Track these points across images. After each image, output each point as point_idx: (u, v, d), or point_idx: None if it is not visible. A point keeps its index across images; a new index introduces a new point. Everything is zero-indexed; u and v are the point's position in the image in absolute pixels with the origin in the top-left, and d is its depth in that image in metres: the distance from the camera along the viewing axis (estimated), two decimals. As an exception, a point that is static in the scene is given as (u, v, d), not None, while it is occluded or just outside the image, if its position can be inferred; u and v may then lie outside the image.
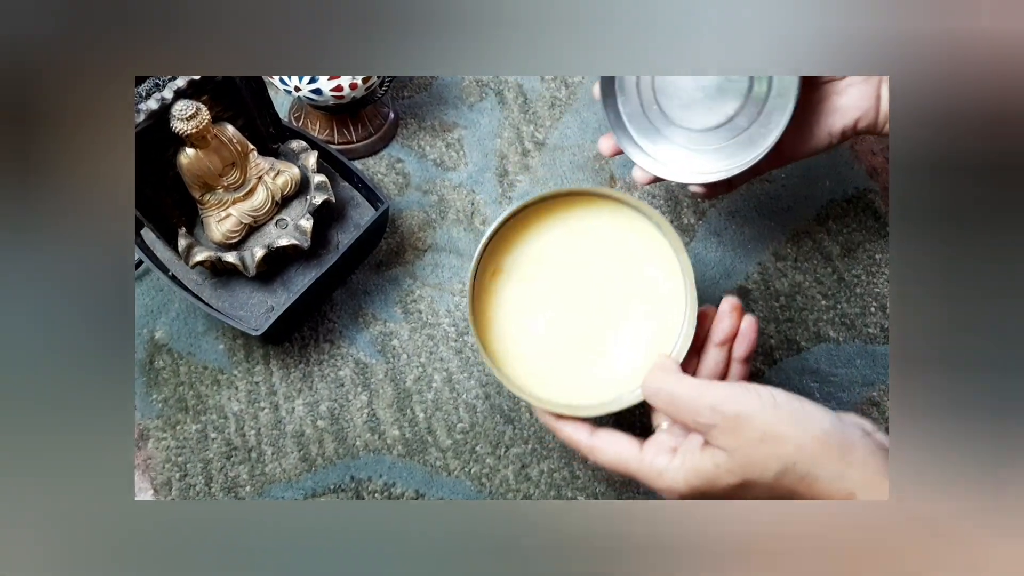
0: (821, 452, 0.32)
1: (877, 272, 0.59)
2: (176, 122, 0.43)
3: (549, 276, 0.42)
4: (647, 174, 0.47)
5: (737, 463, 0.33)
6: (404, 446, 0.50)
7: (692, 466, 0.34)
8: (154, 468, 0.49)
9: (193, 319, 0.54)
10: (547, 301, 0.42)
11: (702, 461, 0.34)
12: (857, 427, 0.33)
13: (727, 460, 0.33)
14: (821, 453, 0.32)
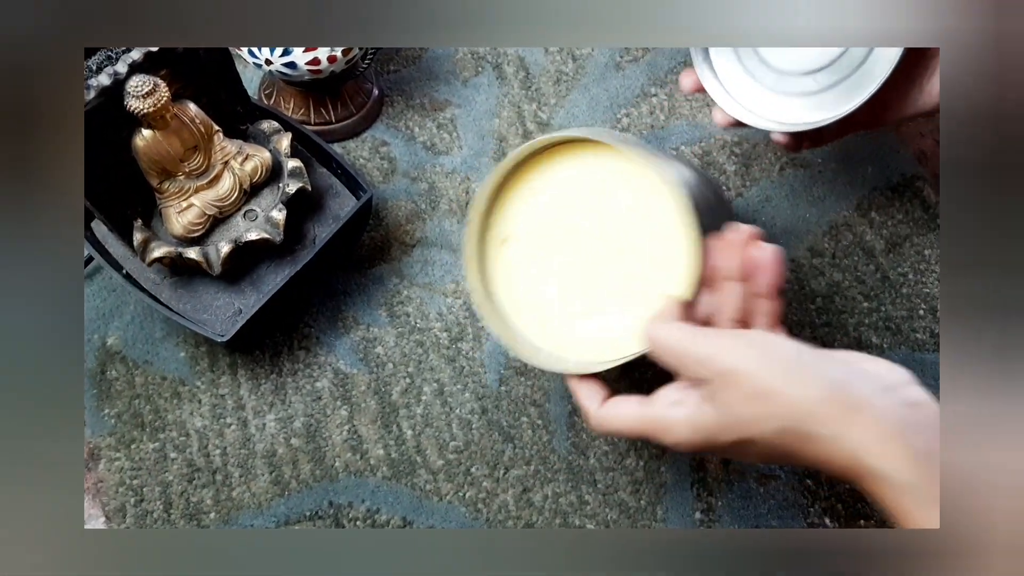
0: (821, 411, 0.32)
1: (926, 270, 0.59)
2: (131, 100, 0.43)
3: (558, 237, 0.43)
4: (728, 116, 0.47)
5: (731, 420, 0.34)
6: (390, 467, 0.50)
7: (694, 420, 0.35)
8: (106, 492, 0.49)
9: (150, 323, 0.54)
10: (558, 263, 0.43)
11: (701, 416, 0.35)
12: (876, 382, 0.33)
13: (721, 417, 0.34)
14: (821, 412, 0.32)
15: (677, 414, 0.36)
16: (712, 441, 0.35)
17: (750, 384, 0.33)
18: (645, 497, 0.50)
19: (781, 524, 0.49)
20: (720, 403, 0.34)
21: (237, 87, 0.51)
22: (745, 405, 0.33)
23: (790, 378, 0.33)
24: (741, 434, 0.34)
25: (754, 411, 0.33)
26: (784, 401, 0.32)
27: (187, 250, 0.49)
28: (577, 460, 0.51)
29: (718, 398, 0.34)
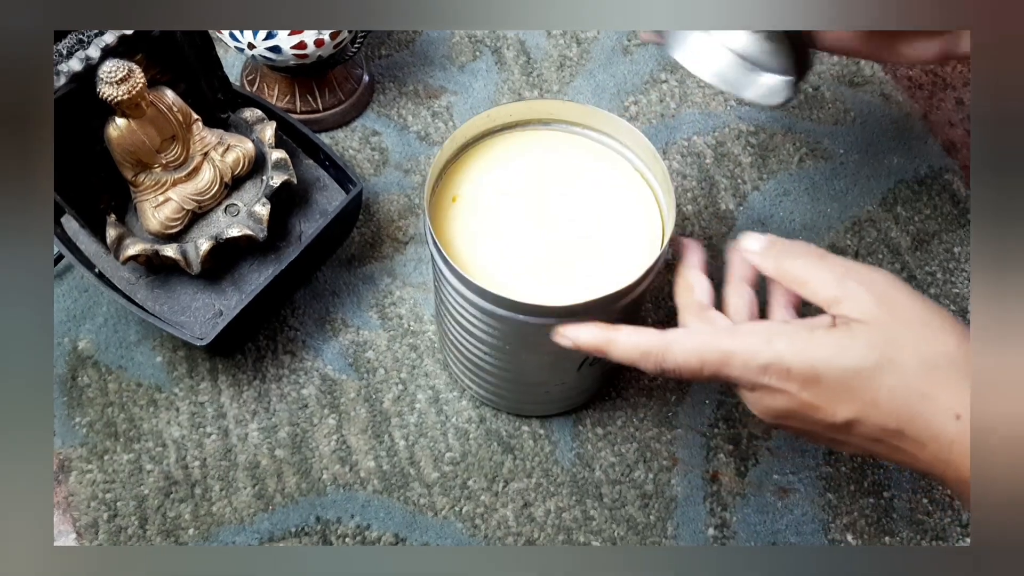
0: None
1: (956, 269, 0.59)
2: (104, 87, 0.43)
3: (508, 200, 0.45)
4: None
5: (883, 338, 0.32)
6: (381, 480, 0.50)
7: (813, 336, 0.33)
8: (77, 507, 0.49)
9: (124, 326, 0.54)
10: (506, 223, 0.44)
11: (829, 334, 0.33)
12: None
13: (868, 331, 0.32)
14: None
15: (786, 327, 0.34)
16: (833, 360, 0.32)
17: (918, 312, 0.32)
18: (655, 512, 0.50)
19: (801, 541, 0.49)
20: (870, 317, 0.32)
21: (217, 73, 0.51)
22: (908, 327, 0.32)
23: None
24: (884, 353, 0.32)
25: (917, 335, 0.32)
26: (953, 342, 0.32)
27: (164, 247, 0.49)
28: (582, 472, 0.51)
29: (866, 310, 0.32)
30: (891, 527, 0.50)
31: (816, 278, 0.34)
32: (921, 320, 0.33)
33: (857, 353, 0.32)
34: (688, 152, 0.63)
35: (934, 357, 0.32)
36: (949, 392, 0.31)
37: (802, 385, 0.33)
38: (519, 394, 0.50)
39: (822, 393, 0.33)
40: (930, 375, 0.31)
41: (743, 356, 0.34)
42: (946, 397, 0.31)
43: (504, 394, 0.50)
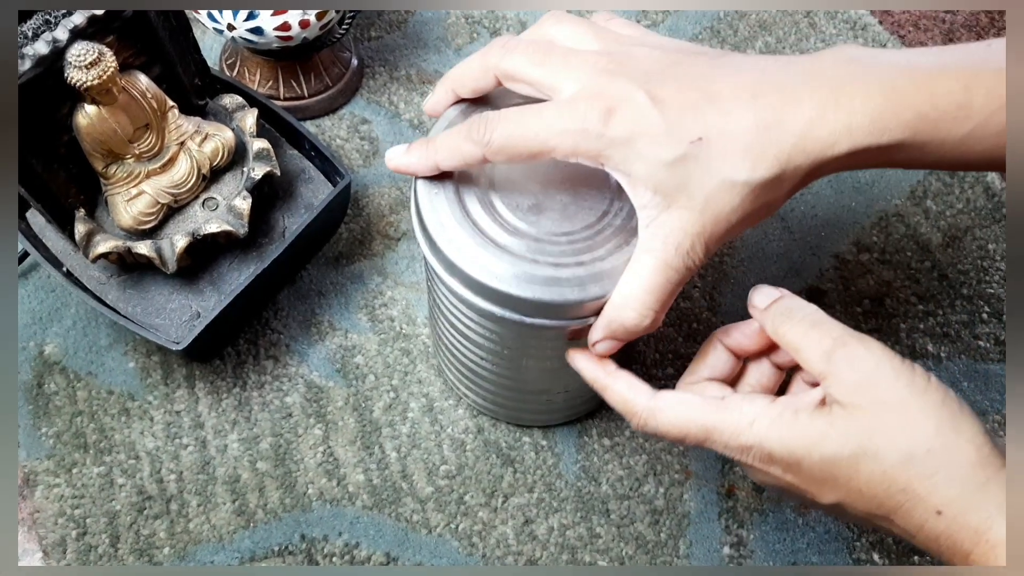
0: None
1: (990, 268, 0.59)
2: (73, 71, 0.43)
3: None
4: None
5: (860, 426, 0.33)
6: (371, 495, 0.50)
7: (796, 422, 0.34)
8: (44, 524, 0.49)
9: (94, 329, 0.54)
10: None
11: (812, 419, 0.34)
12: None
13: (847, 418, 0.33)
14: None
15: (771, 409, 0.34)
16: (810, 451, 0.33)
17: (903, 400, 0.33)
18: (666, 529, 0.50)
19: (823, 560, 0.49)
20: (852, 402, 0.33)
21: (195, 56, 0.51)
22: (891, 413, 0.33)
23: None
24: (861, 446, 0.33)
25: (898, 422, 0.32)
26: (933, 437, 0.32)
27: (137, 244, 0.49)
28: (587, 487, 0.51)
29: (856, 420, 0.33)
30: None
31: (806, 348, 0.35)
32: (901, 403, 0.33)
33: (835, 442, 0.33)
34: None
35: (910, 447, 0.32)
36: (928, 487, 0.32)
37: (784, 469, 0.34)
38: (519, 402, 0.50)
39: (806, 478, 0.34)
40: (907, 467, 0.32)
41: (724, 436, 0.35)
42: (925, 492, 0.32)
43: (503, 403, 0.50)
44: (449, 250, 0.39)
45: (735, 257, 0.59)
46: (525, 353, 0.43)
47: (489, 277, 0.38)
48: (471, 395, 0.51)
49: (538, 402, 0.49)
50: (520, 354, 0.43)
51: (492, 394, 0.49)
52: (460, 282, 0.40)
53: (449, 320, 0.44)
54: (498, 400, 0.50)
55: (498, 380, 0.47)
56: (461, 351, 0.46)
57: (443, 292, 0.42)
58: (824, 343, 0.35)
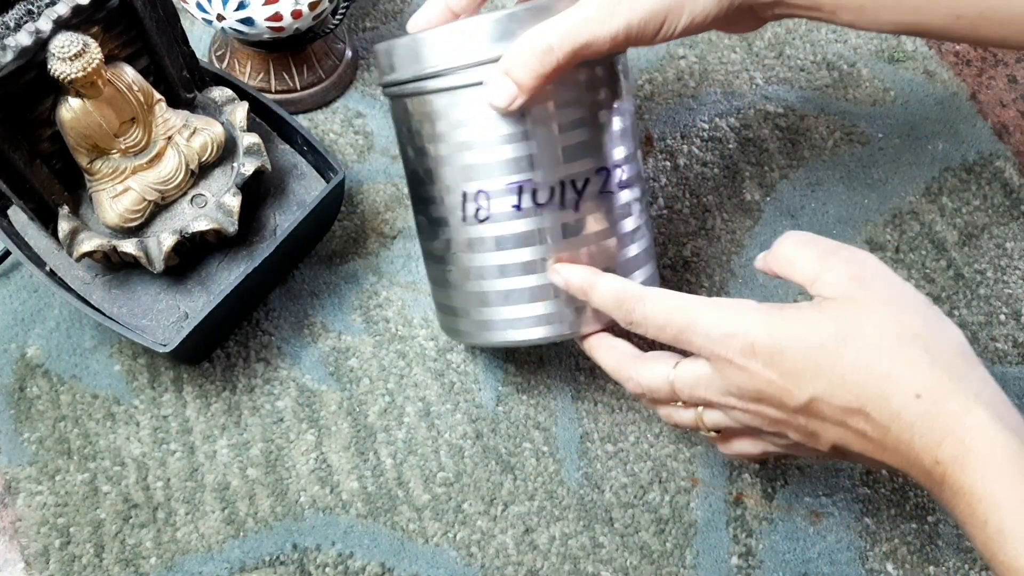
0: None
1: (1008, 267, 0.59)
2: (56, 63, 0.43)
3: None
4: None
5: (849, 313, 0.35)
6: (365, 503, 0.50)
7: (783, 313, 0.36)
8: (26, 533, 0.49)
9: (79, 330, 0.54)
10: None
11: (800, 311, 0.36)
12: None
13: (837, 308, 0.35)
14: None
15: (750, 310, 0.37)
16: (803, 334, 0.35)
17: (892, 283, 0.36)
18: (672, 539, 0.50)
19: (835, 571, 0.49)
20: (844, 312, 0.35)
21: (183, 48, 0.51)
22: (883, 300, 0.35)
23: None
24: (855, 323, 0.35)
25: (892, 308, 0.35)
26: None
27: (123, 243, 0.49)
28: (590, 494, 0.51)
29: (846, 308, 0.35)
30: (936, 556, 0.50)
31: (800, 256, 0.38)
32: (891, 298, 0.35)
33: (823, 328, 0.35)
34: (709, 137, 0.63)
35: (899, 335, 0.34)
36: (912, 371, 0.33)
37: (765, 363, 0.36)
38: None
39: (786, 371, 0.35)
40: (893, 352, 0.34)
41: (708, 324, 0.37)
42: (908, 376, 0.33)
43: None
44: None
45: (742, 256, 0.59)
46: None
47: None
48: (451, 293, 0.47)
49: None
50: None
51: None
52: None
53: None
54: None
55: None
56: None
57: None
58: (819, 249, 0.38)
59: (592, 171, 0.43)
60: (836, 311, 0.35)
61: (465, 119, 0.42)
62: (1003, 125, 0.64)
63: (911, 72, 0.66)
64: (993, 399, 0.33)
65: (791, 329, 0.35)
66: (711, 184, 0.61)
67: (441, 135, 0.43)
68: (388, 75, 0.45)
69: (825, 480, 0.52)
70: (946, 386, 0.33)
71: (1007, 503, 0.30)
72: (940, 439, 0.32)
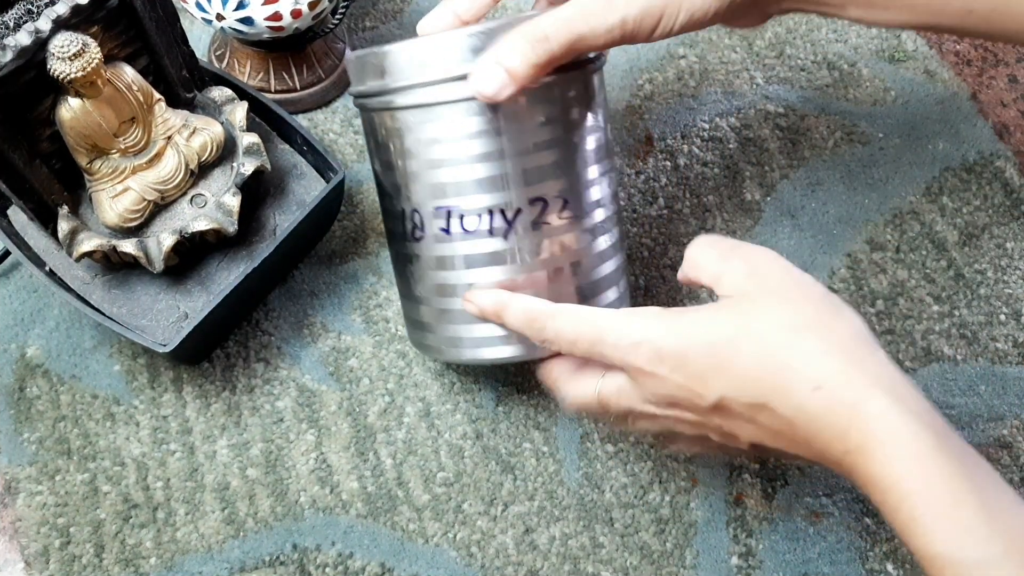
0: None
1: (1009, 267, 0.59)
2: (56, 63, 0.43)
3: None
4: None
5: (743, 309, 0.36)
6: (365, 503, 0.51)
7: (683, 315, 0.37)
8: (25, 533, 0.49)
9: (78, 330, 0.54)
10: None
11: (699, 311, 0.37)
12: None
13: (732, 305, 0.36)
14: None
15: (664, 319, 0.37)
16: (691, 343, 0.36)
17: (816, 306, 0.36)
18: (672, 539, 0.50)
19: (835, 571, 0.49)
20: (739, 309, 0.36)
21: (182, 47, 0.51)
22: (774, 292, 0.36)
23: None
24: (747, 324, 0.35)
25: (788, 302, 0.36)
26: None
27: (122, 243, 0.49)
28: (590, 494, 0.51)
29: (740, 305, 0.36)
30: (936, 556, 0.50)
31: (703, 258, 0.39)
32: (785, 289, 0.36)
33: (721, 326, 0.35)
34: (709, 137, 0.63)
35: (792, 326, 0.34)
36: (807, 362, 0.33)
37: (672, 367, 0.36)
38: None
39: (691, 373, 0.36)
40: (788, 345, 0.34)
41: (615, 336, 0.37)
42: (804, 367, 0.33)
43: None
44: None
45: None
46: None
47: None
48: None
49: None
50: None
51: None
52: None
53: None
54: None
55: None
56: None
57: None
58: (719, 249, 0.38)
59: (565, 191, 0.42)
60: (732, 308, 0.36)
61: (436, 136, 0.41)
62: (1003, 125, 0.64)
63: (912, 72, 0.66)
64: (893, 383, 0.33)
65: (693, 330, 0.36)
66: (711, 184, 0.61)
67: (409, 151, 0.42)
68: (357, 86, 0.44)
69: (825, 480, 0.52)
70: (843, 375, 0.33)
71: (915, 489, 0.31)
72: (844, 430, 0.32)
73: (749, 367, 0.34)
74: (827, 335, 0.34)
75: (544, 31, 0.38)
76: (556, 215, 0.42)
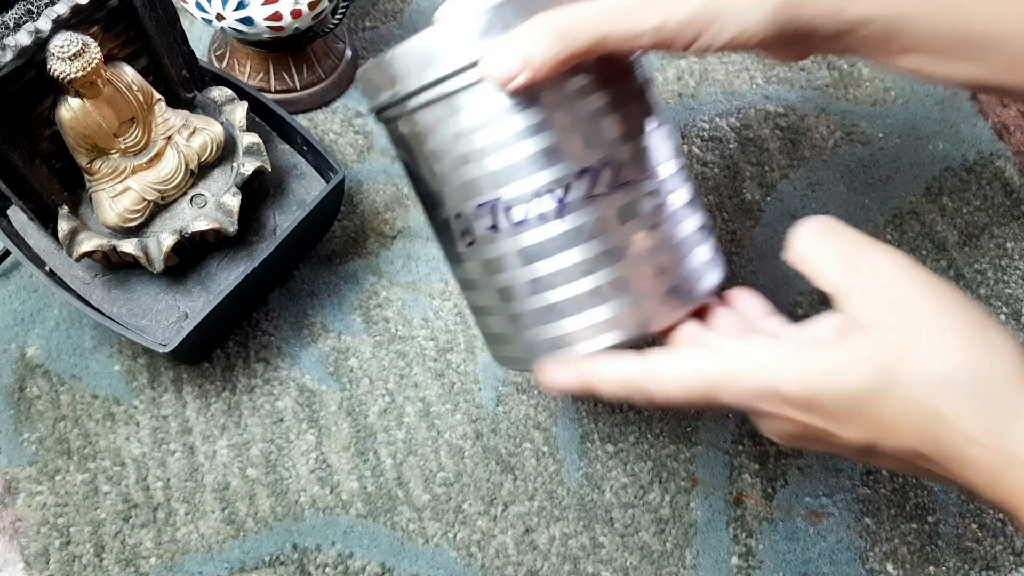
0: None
1: (1009, 267, 0.59)
2: (56, 63, 0.43)
3: None
4: None
5: (885, 352, 0.31)
6: (365, 503, 0.51)
7: (811, 356, 0.32)
8: (26, 533, 0.49)
9: (78, 330, 0.54)
10: None
11: (829, 350, 0.31)
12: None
13: (870, 344, 0.31)
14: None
15: (782, 347, 0.32)
16: (833, 384, 0.31)
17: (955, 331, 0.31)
18: (672, 539, 0.50)
19: (835, 571, 0.49)
20: (879, 321, 0.31)
21: (182, 47, 0.51)
22: (928, 337, 0.30)
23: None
24: (891, 373, 0.30)
25: (935, 346, 0.30)
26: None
27: (122, 243, 0.49)
28: (590, 494, 0.51)
29: (881, 345, 0.31)
30: (936, 555, 0.50)
31: (821, 257, 0.33)
32: (936, 328, 0.31)
33: (858, 374, 0.31)
34: (709, 137, 0.63)
35: (946, 373, 0.30)
36: (962, 414, 0.30)
37: (802, 411, 0.32)
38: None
39: (826, 418, 0.32)
40: (942, 393, 0.30)
41: (733, 388, 0.33)
42: (962, 421, 0.30)
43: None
44: None
45: (743, 256, 0.59)
46: None
47: None
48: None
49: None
50: None
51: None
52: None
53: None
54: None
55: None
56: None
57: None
58: (843, 249, 0.33)
59: (615, 155, 0.37)
60: (869, 349, 0.31)
61: (459, 129, 0.37)
62: (1003, 125, 0.64)
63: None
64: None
65: (822, 375, 0.31)
66: (711, 184, 0.61)
67: (435, 153, 0.38)
68: (372, 102, 0.40)
69: (825, 480, 0.52)
70: (1001, 424, 0.30)
71: None
72: (1002, 477, 0.30)
73: (896, 421, 0.31)
74: (984, 381, 0.30)
75: (568, 24, 0.34)
76: (611, 182, 0.37)
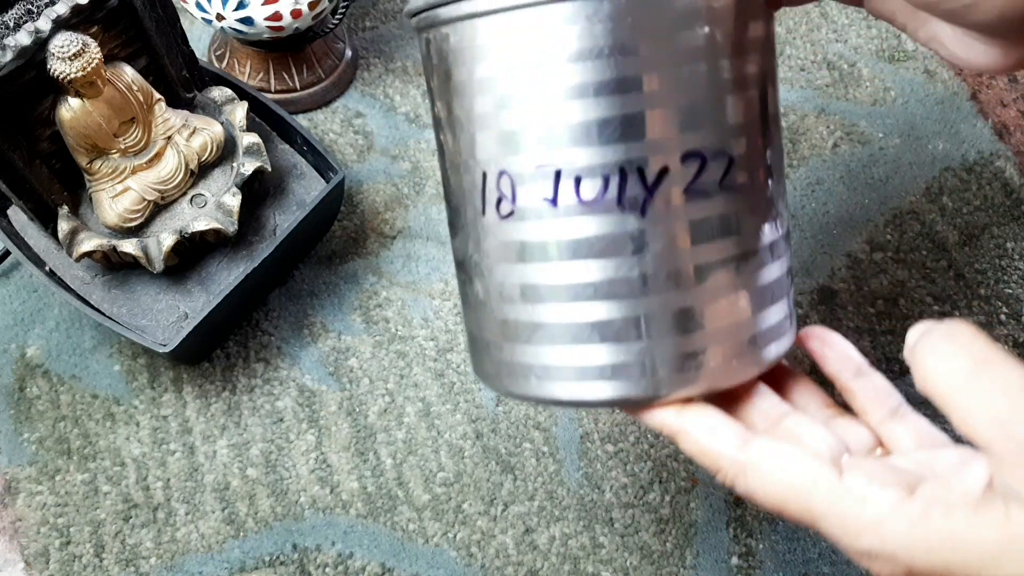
0: None
1: (1009, 267, 0.59)
2: (56, 63, 0.43)
3: None
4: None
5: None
6: (365, 503, 0.51)
7: (947, 523, 0.26)
8: (26, 533, 0.49)
9: (78, 330, 0.54)
10: None
11: (975, 519, 0.25)
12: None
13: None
14: None
15: (899, 493, 0.26)
16: (968, 557, 0.25)
17: None
18: (672, 539, 0.50)
19: (835, 572, 0.49)
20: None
21: (182, 47, 0.51)
22: None
23: None
24: None
25: None
26: None
27: (122, 243, 0.49)
28: (590, 495, 0.51)
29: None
30: (936, 556, 0.50)
31: (965, 403, 0.26)
32: None
33: (1015, 559, 0.25)
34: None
35: None
36: None
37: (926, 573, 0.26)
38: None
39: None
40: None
41: (838, 531, 0.27)
42: None
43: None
44: None
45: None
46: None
47: None
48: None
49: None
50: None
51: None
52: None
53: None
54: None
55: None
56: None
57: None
58: (994, 399, 0.26)
59: (732, 142, 0.28)
60: (1005, 514, 0.25)
61: (549, 52, 0.27)
62: (1003, 125, 0.64)
63: (911, 72, 0.66)
64: None
65: (964, 551, 0.25)
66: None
67: (492, 81, 0.28)
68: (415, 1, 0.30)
69: (825, 480, 0.52)
70: None
71: None
72: None
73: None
74: None
75: None
76: (718, 179, 0.28)
